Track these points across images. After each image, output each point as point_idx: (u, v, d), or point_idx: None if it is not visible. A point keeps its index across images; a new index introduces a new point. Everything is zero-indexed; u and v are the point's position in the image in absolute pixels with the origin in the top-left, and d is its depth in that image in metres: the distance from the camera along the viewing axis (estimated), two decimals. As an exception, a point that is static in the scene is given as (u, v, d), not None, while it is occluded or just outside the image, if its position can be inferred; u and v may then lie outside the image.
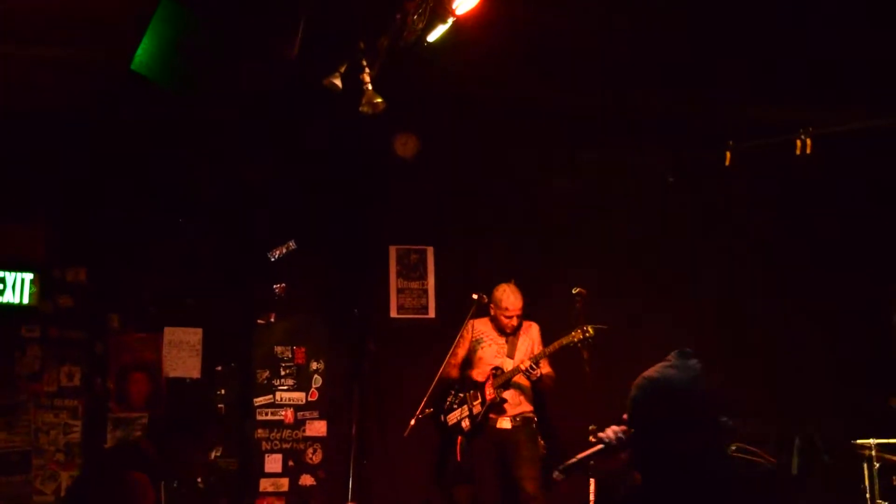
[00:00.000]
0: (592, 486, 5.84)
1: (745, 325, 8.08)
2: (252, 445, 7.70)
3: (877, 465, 6.72)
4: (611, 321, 6.93)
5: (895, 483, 6.79)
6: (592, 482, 5.78)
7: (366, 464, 7.48)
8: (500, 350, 7.19)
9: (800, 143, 7.32)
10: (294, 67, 6.05)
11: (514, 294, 7.15)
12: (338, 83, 6.01)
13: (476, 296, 7.08)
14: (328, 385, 7.89)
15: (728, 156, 7.73)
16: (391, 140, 8.01)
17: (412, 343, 7.82)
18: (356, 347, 7.79)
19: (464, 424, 7.07)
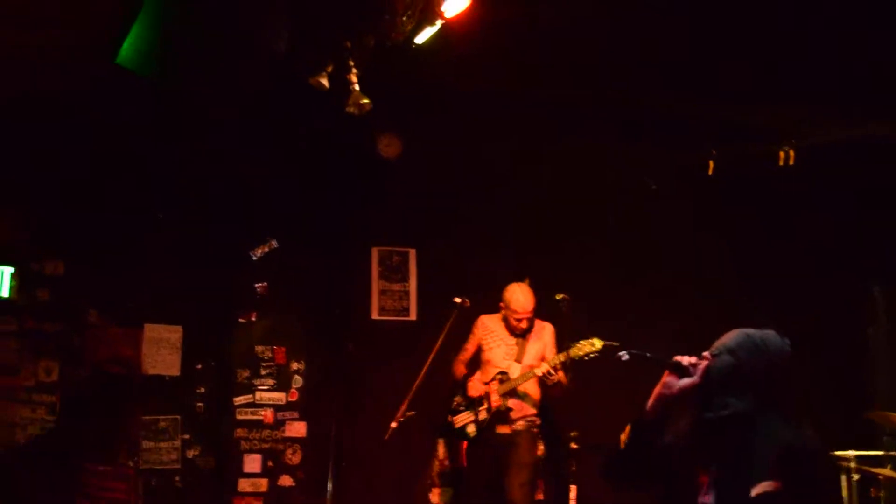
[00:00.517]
0: (573, 493, 5.83)
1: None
2: (230, 445, 7.65)
3: (856, 478, 6.75)
4: (605, 327, 6.85)
5: (873, 495, 6.81)
6: (573, 489, 5.78)
7: (345, 465, 7.44)
8: (510, 352, 6.97)
9: (783, 155, 7.32)
10: (281, 65, 6.00)
11: (525, 295, 6.93)
12: (325, 82, 5.94)
13: (459, 300, 6.88)
14: (308, 385, 7.86)
15: (711, 164, 7.74)
16: (375, 140, 7.96)
17: (393, 345, 7.78)
18: (336, 348, 7.75)
19: (469, 430, 6.94)
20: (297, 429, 7.79)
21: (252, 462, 7.67)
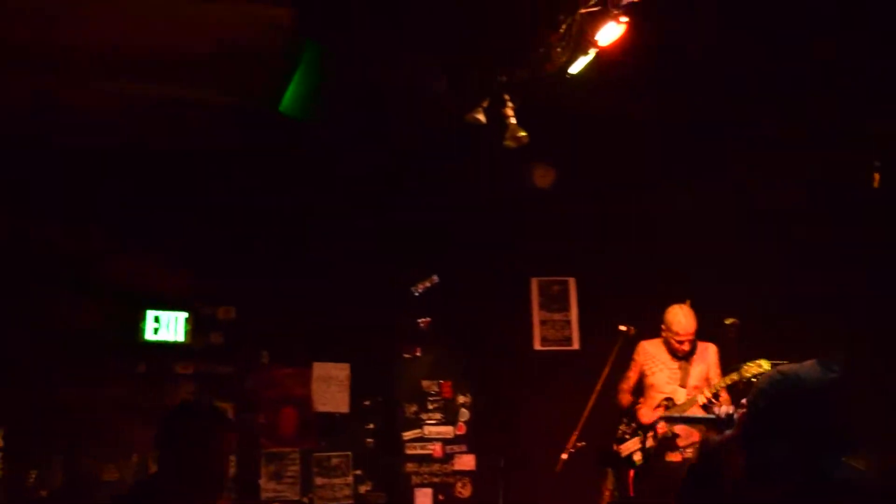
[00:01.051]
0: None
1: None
2: (401, 480, 7.75)
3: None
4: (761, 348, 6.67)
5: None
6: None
7: (514, 497, 7.42)
8: (673, 376, 6.86)
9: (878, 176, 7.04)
10: (435, 105, 6.11)
11: (687, 317, 6.79)
12: (481, 118, 6.04)
13: (624, 327, 6.82)
14: (475, 418, 7.91)
15: (877, 177, 7.45)
16: (528, 171, 7.97)
17: (557, 375, 7.76)
18: (501, 381, 7.78)
19: (636, 458, 6.87)
20: (467, 462, 7.85)
21: (423, 496, 7.76)
